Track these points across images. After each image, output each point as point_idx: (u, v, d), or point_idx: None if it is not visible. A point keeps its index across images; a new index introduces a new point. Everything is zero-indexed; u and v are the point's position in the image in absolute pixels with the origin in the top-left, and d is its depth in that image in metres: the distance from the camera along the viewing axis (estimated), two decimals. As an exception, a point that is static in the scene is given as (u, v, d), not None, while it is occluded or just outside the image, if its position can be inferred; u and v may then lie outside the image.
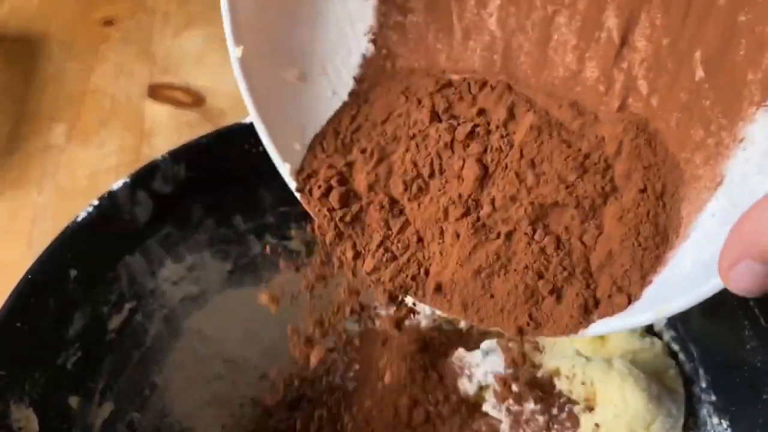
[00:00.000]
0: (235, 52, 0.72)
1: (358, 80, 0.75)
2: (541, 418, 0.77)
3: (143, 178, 1.01)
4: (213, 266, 1.20)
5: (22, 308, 0.88)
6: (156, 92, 1.74)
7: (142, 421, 1.14)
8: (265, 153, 0.79)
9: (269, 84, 0.76)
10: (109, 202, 0.98)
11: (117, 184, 0.98)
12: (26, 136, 1.65)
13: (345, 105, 0.75)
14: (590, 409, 0.78)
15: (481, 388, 0.87)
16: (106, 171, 1.54)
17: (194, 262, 1.16)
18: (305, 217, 1.32)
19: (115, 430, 1.08)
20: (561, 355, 0.83)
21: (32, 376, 0.90)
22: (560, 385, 0.80)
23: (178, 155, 1.04)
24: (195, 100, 1.72)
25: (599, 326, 0.54)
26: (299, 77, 0.78)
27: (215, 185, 1.11)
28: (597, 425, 0.77)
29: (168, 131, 1.64)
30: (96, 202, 0.97)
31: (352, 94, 0.75)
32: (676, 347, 0.93)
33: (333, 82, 0.76)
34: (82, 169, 1.57)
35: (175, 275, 1.15)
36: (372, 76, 0.75)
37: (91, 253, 0.97)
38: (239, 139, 1.09)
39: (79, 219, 0.95)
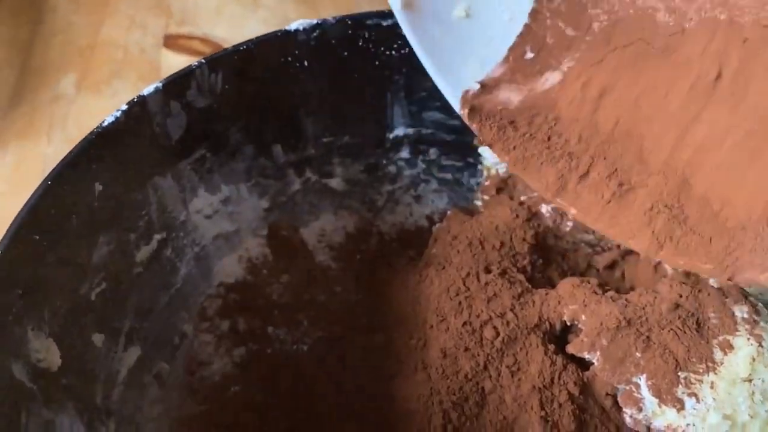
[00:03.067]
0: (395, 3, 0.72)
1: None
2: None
3: (177, 85, 0.88)
4: (249, 202, 1.07)
5: (41, 219, 0.74)
6: (172, 42, 1.61)
7: (171, 373, 1.00)
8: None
9: (438, 28, 0.76)
10: (139, 108, 0.85)
11: (148, 89, 0.85)
12: (33, 87, 1.52)
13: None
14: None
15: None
16: (121, 119, 1.41)
17: (230, 194, 1.03)
18: (350, 150, 1.21)
19: (142, 381, 0.94)
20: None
21: (53, 303, 0.76)
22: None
23: (215, 62, 0.91)
24: (214, 49, 1.59)
25: None
26: (468, 12, 0.77)
27: (255, 104, 0.98)
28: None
29: (187, 80, 1.51)
30: (125, 107, 0.84)
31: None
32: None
33: (510, 6, 0.75)
34: (94, 119, 1.42)
35: (208, 207, 1.01)
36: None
37: (118, 166, 0.84)
38: (283, 48, 0.97)
39: (106, 123, 0.82)
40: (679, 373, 0.67)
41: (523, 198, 1.01)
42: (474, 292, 0.81)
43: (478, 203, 1.07)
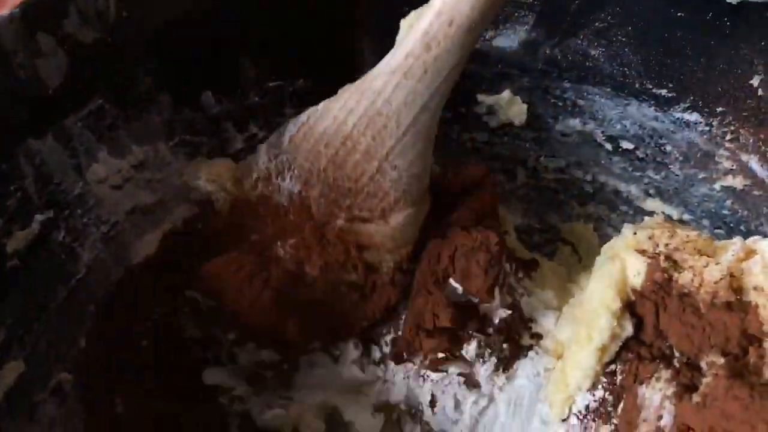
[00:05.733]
0: None
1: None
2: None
3: (44, 11, 0.63)
4: (175, 165, 0.84)
5: None
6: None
7: (75, 385, 0.79)
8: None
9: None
10: (-12, 45, 0.61)
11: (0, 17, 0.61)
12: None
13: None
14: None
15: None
16: None
17: (145, 157, 0.80)
18: (306, 99, 0.97)
19: (29, 402, 0.74)
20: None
21: None
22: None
23: (103, -21, 0.66)
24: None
25: None
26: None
27: (167, 38, 0.74)
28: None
29: None
30: (-38, 44, 0.59)
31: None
32: None
33: None
34: None
35: (116, 176, 0.78)
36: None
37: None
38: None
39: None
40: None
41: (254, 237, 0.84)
42: None
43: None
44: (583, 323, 0.78)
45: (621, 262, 0.81)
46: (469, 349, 0.77)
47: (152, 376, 0.82)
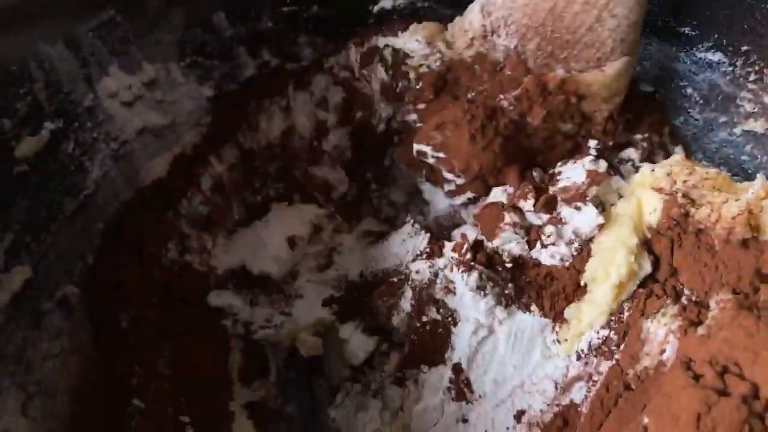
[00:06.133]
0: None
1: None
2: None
3: None
4: (185, 87, 0.84)
5: None
6: None
7: (82, 299, 0.80)
8: None
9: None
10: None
11: None
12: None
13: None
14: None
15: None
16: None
17: (156, 75, 0.80)
18: (321, 25, 0.96)
19: (36, 309, 0.75)
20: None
21: None
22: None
23: None
24: None
25: None
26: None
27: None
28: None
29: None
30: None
31: None
32: None
33: None
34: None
35: (126, 92, 0.78)
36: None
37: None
38: None
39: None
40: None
41: (471, 95, 0.85)
42: None
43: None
44: (601, 261, 0.78)
45: (637, 200, 0.80)
46: (470, 281, 0.76)
47: (159, 297, 0.83)
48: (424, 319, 0.78)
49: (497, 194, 0.82)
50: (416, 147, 0.84)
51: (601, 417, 0.73)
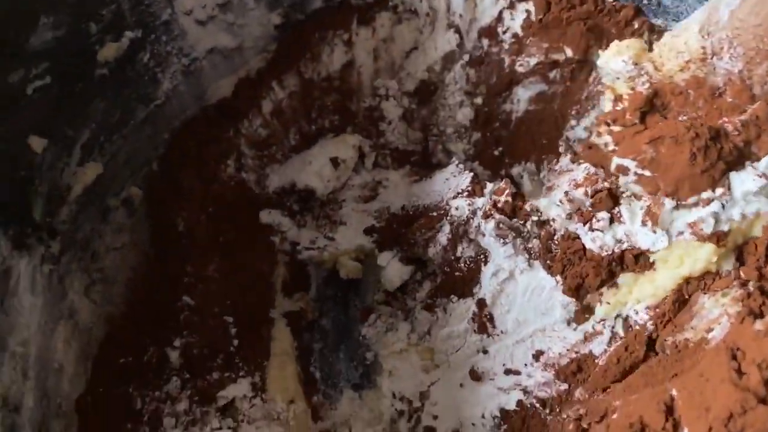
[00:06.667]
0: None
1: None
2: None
3: None
4: (256, 12, 0.88)
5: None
6: None
7: (144, 201, 0.87)
8: None
9: None
10: None
11: None
12: None
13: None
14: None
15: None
16: None
17: (230, -2, 0.84)
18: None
19: (103, 204, 0.82)
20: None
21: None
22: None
23: None
24: None
25: None
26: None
27: None
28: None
29: None
30: None
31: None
32: None
33: None
34: None
35: (201, 10, 0.82)
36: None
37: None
38: None
39: None
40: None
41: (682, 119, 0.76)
42: None
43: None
44: (683, 246, 0.73)
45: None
46: (487, 227, 0.79)
47: (214, 208, 0.89)
48: (458, 253, 0.82)
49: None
50: (617, 161, 0.77)
51: (615, 373, 0.74)
